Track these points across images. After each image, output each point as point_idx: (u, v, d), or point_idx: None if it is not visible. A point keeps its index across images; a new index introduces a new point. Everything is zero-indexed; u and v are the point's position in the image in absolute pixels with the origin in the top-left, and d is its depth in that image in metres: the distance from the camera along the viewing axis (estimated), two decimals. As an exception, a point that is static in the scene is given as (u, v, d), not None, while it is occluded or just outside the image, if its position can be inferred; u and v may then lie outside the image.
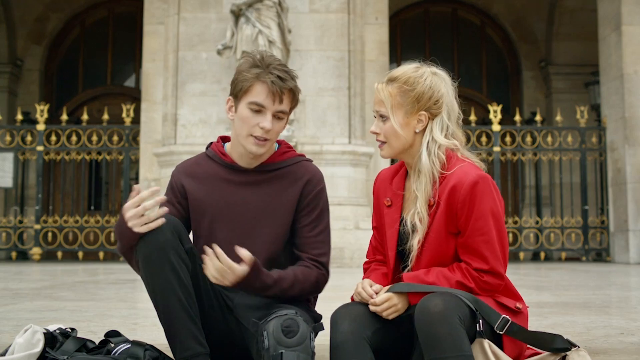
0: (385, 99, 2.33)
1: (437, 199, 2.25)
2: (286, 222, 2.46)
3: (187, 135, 10.03)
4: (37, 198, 11.73)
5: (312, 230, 2.46)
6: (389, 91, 2.34)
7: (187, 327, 2.22)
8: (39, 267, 9.86)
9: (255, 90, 2.36)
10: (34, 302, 4.71)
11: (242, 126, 2.40)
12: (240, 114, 2.39)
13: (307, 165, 2.52)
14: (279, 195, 2.46)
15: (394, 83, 2.35)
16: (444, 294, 2.14)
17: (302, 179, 2.47)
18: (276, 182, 2.47)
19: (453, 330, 2.04)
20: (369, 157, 10.17)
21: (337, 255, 9.19)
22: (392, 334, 2.27)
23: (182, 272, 2.24)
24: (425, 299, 2.12)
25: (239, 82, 2.39)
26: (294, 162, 2.50)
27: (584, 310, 4.26)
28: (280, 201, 2.46)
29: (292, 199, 2.46)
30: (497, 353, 2.11)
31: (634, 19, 11.40)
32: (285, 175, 2.48)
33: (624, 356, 2.57)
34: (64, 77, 16.04)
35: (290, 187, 2.47)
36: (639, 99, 11.33)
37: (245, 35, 9.44)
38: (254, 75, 2.36)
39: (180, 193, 2.48)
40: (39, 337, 2.27)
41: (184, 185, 2.48)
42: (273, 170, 2.48)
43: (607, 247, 12.01)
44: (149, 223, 2.22)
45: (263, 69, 2.36)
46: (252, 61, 2.39)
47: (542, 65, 15.65)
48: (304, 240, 2.46)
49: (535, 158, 12.45)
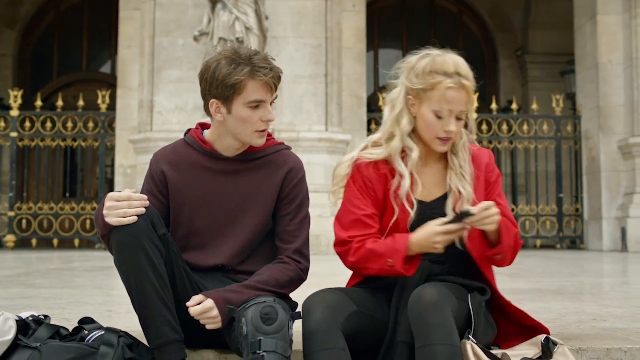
0: (471, 99, 2.37)
1: (474, 172, 2.45)
2: (267, 210, 2.45)
3: (163, 122, 9.96)
4: (11, 185, 11.61)
5: (293, 220, 2.45)
6: (472, 90, 2.36)
7: (161, 313, 2.21)
8: (13, 254, 9.78)
9: (252, 89, 2.32)
10: (7, 289, 4.68)
11: (244, 125, 2.36)
12: (239, 114, 2.34)
13: (288, 154, 2.50)
14: (261, 184, 2.45)
15: (469, 80, 2.35)
16: (438, 285, 2.20)
17: (284, 168, 2.46)
18: (257, 170, 2.46)
19: (446, 321, 2.09)
20: (345, 144, 10.18)
21: (314, 243, 9.17)
22: (365, 319, 2.28)
23: (156, 259, 2.23)
24: (420, 288, 2.18)
25: (228, 85, 2.31)
26: (274, 151, 2.49)
27: (558, 296, 4.31)
28: (261, 190, 2.44)
29: (274, 188, 2.45)
30: (479, 355, 2.15)
31: (608, 8, 11.48)
32: (266, 164, 2.47)
33: (595, 341, 2.60)
34: (38, 62, 15.85)
35: (271, 176, 2.45)
36: (613, 88, 11.43)
37: (222, 21, 9.38)
38: (246, 75, 2.30)
39: (161, 181, 2.45)
40: (11, 324, 2.24)
41: (164, 171, 2.45)
42: (254, 159, 2.46)
43: (581, 235, 12.14)
44: (122, 218, 2.20)
45: (249, 65, 2.31)
46: (230, 59, 2.32)
47: (518, 53, 15.73)
48: (283, 228, 2.45)
49: (511, 146, 12.54)
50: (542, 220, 12.22)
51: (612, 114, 11.46)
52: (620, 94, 11.41)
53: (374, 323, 2.30)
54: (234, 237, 2.42)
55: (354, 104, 10.88)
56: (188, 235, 2.45)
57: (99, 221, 2.26)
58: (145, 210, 2.23)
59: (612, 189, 11.43)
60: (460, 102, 2.33)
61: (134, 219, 2.21)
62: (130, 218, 2.20)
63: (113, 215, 2.20)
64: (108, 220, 2.21)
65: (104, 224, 2.23)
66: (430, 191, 2.42)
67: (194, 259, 2.42)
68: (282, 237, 2.46)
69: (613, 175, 11.46)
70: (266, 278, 2.34)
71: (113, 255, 2.26)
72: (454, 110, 2.33)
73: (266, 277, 2.35)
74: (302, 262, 2.44)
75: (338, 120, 10.17)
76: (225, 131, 2.41)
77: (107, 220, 2.21)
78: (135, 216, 2.21)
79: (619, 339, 2.68)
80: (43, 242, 11.82)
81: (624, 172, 11.41)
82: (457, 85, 2.31)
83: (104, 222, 2.22)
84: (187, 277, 2.35)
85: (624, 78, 11.37)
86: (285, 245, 2.44)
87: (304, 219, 2.48)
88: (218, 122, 2.41)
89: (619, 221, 11.19)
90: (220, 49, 2.46)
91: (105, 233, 2.25)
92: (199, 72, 2.42)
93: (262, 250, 2.48)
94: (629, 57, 11.26)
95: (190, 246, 2.44)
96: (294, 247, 2.44)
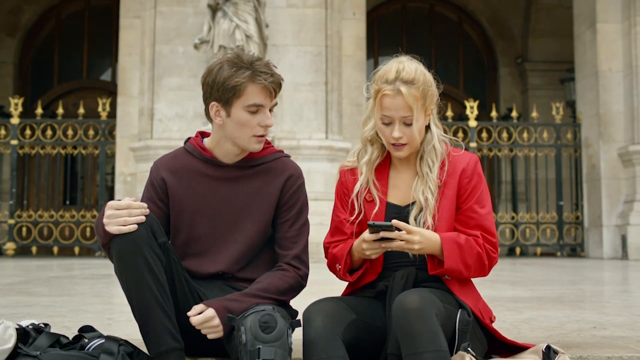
0: (413, 104, 2.31)
1: (445, 179, 2.38)
2: (267, 217, 2.46)
3: (164, 130, 9.97)
4: (11, 192, 11.60)
5: (292, 226, 2.47)
6: (414, 95, 2.31)
7: (161, 322, 2.21)
8: (13, 262, 9.77)
9: (251, 92, 2.34)
10: (7, 297, 4.67)
11: (242, 129, 2.38)
12: (238, 118, 2.36)
13: (287, 162, 2.52)
14: (260, 191, 2.46)
15: (413, 85, 2.32)
16: (421, 290, 2.18)
17: (283, 175, 2.48)
18: (257, 178, 2.47)
19: (430, 327, 2.06)
20: (345, 152, 10.17)
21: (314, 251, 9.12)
22: (365, 328, 2.28)
23: (156, 267, 2.23)
24: (402, 295, 2.16)
25: (228, 88, 2.33)
26: (273, 158, 2.50)
27: (558, 304, 4.30)
28: (261, 197, 2.46)
29: (274, 195, 2.46)
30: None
31: (608, 16, 11.50)
32: (266, 171, 2.48)
33: (596, 350, 2.60)
34: (38, 70, 15.86)
35: (271, 183, 2.47)
36: (613, 96, 11.44)
37: (223, 29, 9.40)
38: (246, 78, 2.33)
39: (161, 188, 2.46)
40: (11, 332, 2.24)
41: (165, 179, 2.46)
42: (253, 166, 2.48)
43: (582, 243, 12.13)
44: (123, 226, 2.20)
45: (250, 69, 2.34)
46: (233, 62, 2.35)
47: (518, 61, 15.75)
48: (283, 235, 2.47)
49: (511, 154, 12.54)
50: (543, 228, 12.22)
51: (612, 121, 11.46)
52: (620, 101, 11.42)
53: (373, 331, 2.30)
54: (234, 244, 2.43)
55: (354, 112, 10.89)
56: (188, 242, 2.45)
57: (99, 230, 2.26)
58: (145, 219, 2.24)
59: (613, 197, 11.43)
60: (398, 108, 2.31)
61: (135, 228, 2.21)
62: (131, 226, 2.21)
63: (113, 223, 2.21)
64: (108, 229, 2.21)
65: (104, 232, 2.23)
66: (406, 195, 2.42)
67: (194, 266, 2.43)
68: (281, 244, 2.47)
69: (613, 183, 11.46)
70: (266, 285, 2.35)
71: (113, 264, 2.27)
72: (394, 116, 2.33)
73: (266, 284, 2.35)
74: (302, 269, 2.45)
75: (338, 128, 10.18)
76: (224, 136, 2.43)
77: (108, 229, 2.21)
78: (135, 224, 2.21)
79: (620, 347, 2.68)
80: (43, 250, 11.81)
81: (624, 179, 11.41)
82: (392, 92, 2.31)
83: (105, 230, 2.22)
84: (187, 285, 2.36)
85: (624, 86, 11.38)
86: (284, 252, 2.46)
87: (303, 225, 2.49)
88: (217, 126, 2.42)
89: (619, 229, 11.18)
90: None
91: (106, 242, 2.25)
92: (201, 76, 2.45)
93: (262, 257, 2.49)
94: (628, 65, 11.27)
95: (190, 253, 2.45)
96: (293, 253, 2.45)
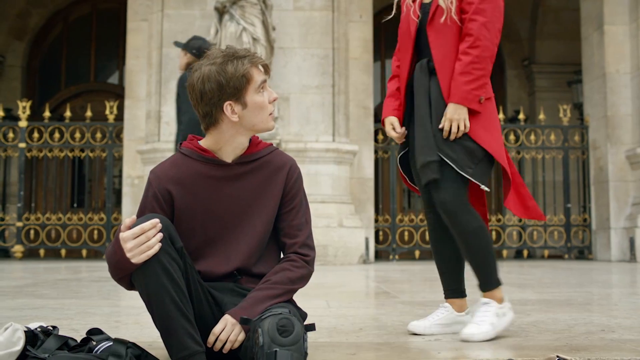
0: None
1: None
2: (273, 210, 2.51)
3: (171, 133, 9.96)
4: (19, 195, 11.64)
5: (297, 214, 2.52)
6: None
7: (182, 326, 2.20)
8: (21, 264, 9.79)
9: (255, 75, 2.43)
10: (15, 300, 4.68)
11: (261, 111, 2.46)
12: (254, 102, 2.44)
13: (281, 153, 2.60)
14: (265, 184, 2.51)
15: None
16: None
17: (285, 167, 2.54)
18: (259, 172, 2.51)
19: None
20: (352, 154, 10.18)
21: (321, 253, 9.19)
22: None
23: (175, 272, 2.22)
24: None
25: (239, 78, 2.40)
26: (269, 152, 2.57)
27: (566, 307, 4.29)
28: (267, 190, 2.50)
29: (279, 186, 2.52)
30: None
31: (615, 18, 11.48)
32: (265, 164, 2.53)
33: (604, 353, 2.59)
34: (46, 73, 15.92)
35: (275, 176, 2.52)
36: (620, 98, 11.41)
37: (230, 32, 9.41)
38: (248, 63, 2.42)
39: (165, 199, 2.45)
40: (20, 335, 2.25)
41: (170, 191, 2.45)
42: (253, 161, 2.52)
43: (589, 245, 12.10)
44: (149, 251, 2.21)
45: (241, 57, 2.42)
46: (223, 61, 2.41)
47: (525, 63, 15.72)
48: (289, 224, 2.51)
49: (519, 156, 12.51)
50: (550, 230, 12.19)
51: (620, 123, 11.44)
52: (628, 103, 11.39)
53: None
54: (245, 239, 2.46)
55: (361, 114, 10.89)
56: (202, 245, 2.46)
57: (120, 265, 2.24)
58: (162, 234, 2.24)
59: (620, 199, 11.39)
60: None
61: (159, 247, 2.21)
62: (156, 247, 2.21)
63: (137, 254, 2.19)
64: (135, 260, 2.19)
65: (130, 265, 2.21)
66: None
67: (209, 267, 2.44)
68: (288, 232, 2.51)
69: (621, 186, 11.43)
70: (279, 278, 2.40)
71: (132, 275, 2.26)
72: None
73: (279, 277, 2.41)
74: (310, 254, 2.50)
75: (345, 130, 10.18)
76: (237, 131, 2.47)
77: (135, 261, 2.19)
78: (159, 243, 2.21)
79: (628, 351, 2.67)
80: (51, 253, 11.85)
81: (632, 182, 11.38)
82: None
83: (131, 263, 2.21)
84: (201, 289, 2.36)
85: (632, 88, 11.36)
86: (292, 240, 2.50)
87: (306, 211, 2.56)
88: (231, 124, 2.45)
89: (627, 231, 11.15)
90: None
91: (130, 272, 2.24)
92: (192, 95, 2.44)
93: (269, 250, 2.53)
94: (636, 67, 11.25)
95: (204, 255, 2.45)
96: (301, 240, 2.50)
